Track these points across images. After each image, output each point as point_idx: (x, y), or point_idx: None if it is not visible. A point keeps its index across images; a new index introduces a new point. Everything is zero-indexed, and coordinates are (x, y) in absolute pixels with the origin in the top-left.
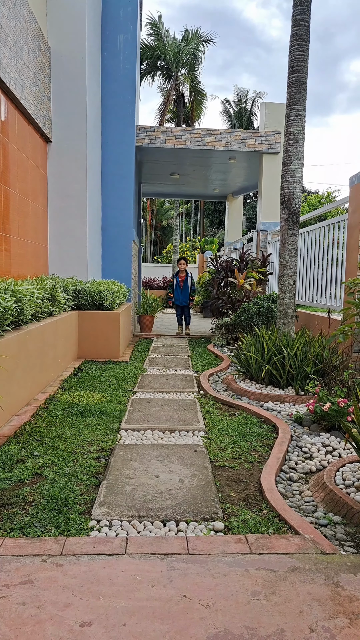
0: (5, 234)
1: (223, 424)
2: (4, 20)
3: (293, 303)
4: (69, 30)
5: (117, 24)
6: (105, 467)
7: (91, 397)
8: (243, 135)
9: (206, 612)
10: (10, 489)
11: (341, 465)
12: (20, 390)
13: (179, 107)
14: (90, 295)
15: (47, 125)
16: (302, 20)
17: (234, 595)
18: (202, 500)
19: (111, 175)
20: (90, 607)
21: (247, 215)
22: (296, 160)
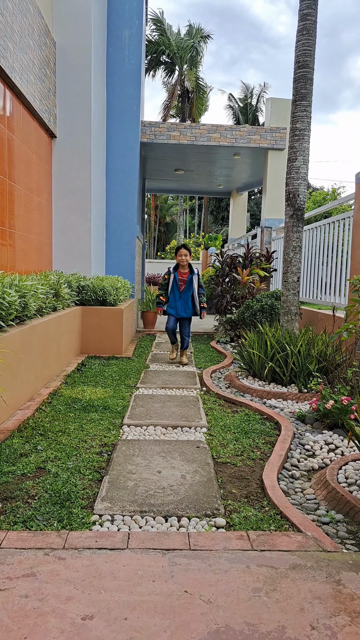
0: (9, 229)
1: (225, 420)
2: (10, 15)
3: (297, 300)
4: (75, 25)
5: (123, 18)
6: (107, 462)
7: (94, 393)
8: (248, 131)
9: (207, 607)
10: (14, 483)
11: (344, 463)
12: (23, 385)
13: (183, 102)
14: (93, 291)
15: (52, 120)
16: (309, 15)
17: (235, 591)
18: (204, 497)
19: (115, 171)
20: (92, 601)
21: (251, 211)
22: (301, 156)
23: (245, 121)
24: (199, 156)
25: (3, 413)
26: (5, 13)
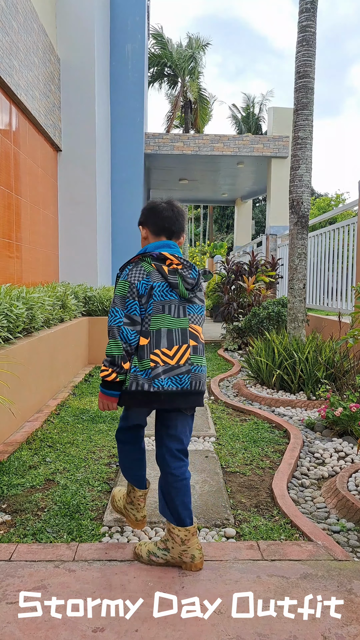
0: (16, 241)
1: (234, 429)
2: (15, 34)
3: (303, 307)
4: (78, 41)
5: (125, 33)
6: (116, 473)
7: None
8: (251, 140)
9: (218, 618)
10: (23, 495)
11: (354, 471)
12: (31, 396)
13: (186, 113)
14: (100, 302)
15: (57, 134)
16: (308, 27)
17: (245, 601)
18: (214, 507)
19: (120, 182)
20: (103, 613)
21: (256, 219)
22: (304, 164)
23: (248, 130)
24: (203, 166)
25: (11, 425)
26: (11, 32)
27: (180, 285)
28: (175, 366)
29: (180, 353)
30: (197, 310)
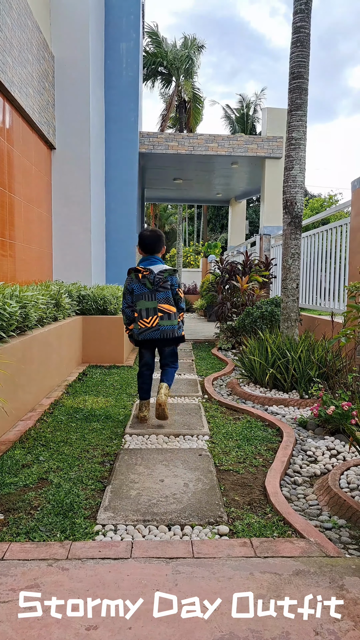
0: (10, 240)
1: (227, 428)
2: (8, 30)
3: (296, 306)
4: (73, 39)
5: (120, 32)
6: (110, 471)
7: (96, 402)
8: (245, 141)
9: (212, 615)
10: (16, 494)
11: (346, 469)
12: (25, 396)
13: (180, 113)
14: (94, 301)
15: (51, 132)
16: (302, 28)
17: (240, 599)
18: (207, 504)
19: (115, 181)
20: (96, 611)
21: (250, 219)
22: (298, 165)
23: (243, 130)
24: (197, 165)
25: (4, 424)
26: (4, 28)
27: (148, 283)
28: (150, 327)
29: (152, 320)
30: (163, 295)
